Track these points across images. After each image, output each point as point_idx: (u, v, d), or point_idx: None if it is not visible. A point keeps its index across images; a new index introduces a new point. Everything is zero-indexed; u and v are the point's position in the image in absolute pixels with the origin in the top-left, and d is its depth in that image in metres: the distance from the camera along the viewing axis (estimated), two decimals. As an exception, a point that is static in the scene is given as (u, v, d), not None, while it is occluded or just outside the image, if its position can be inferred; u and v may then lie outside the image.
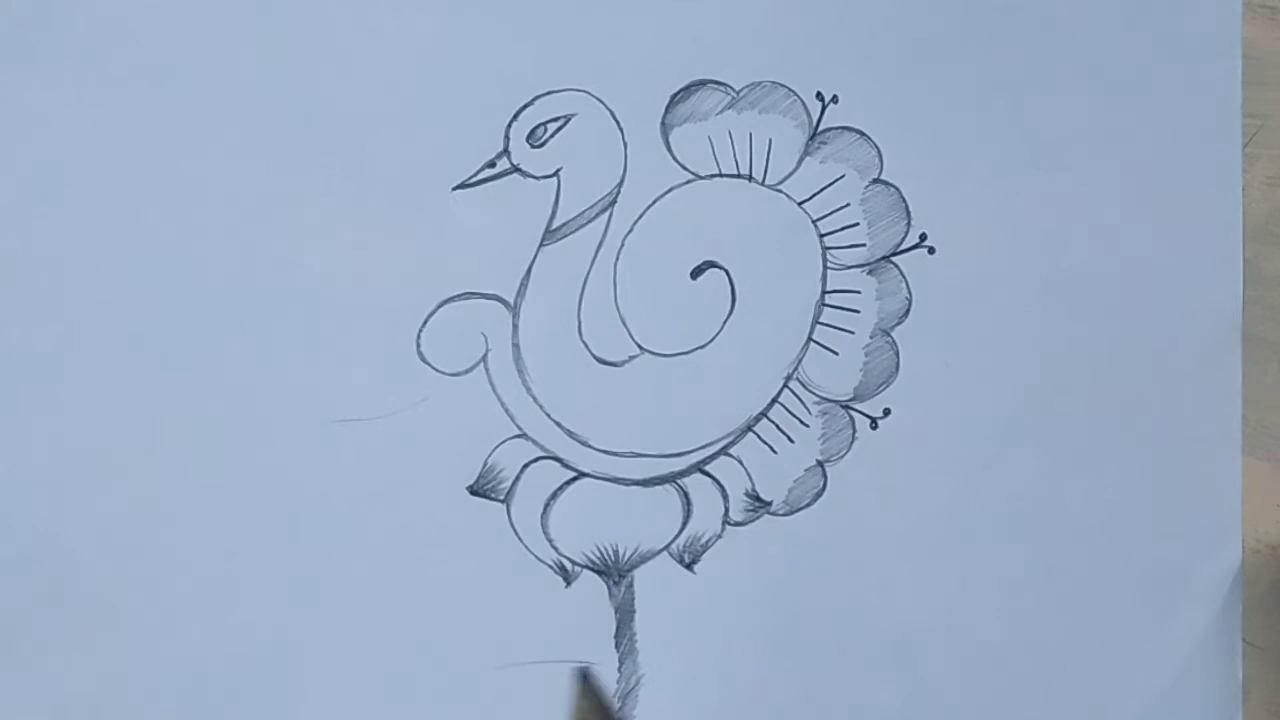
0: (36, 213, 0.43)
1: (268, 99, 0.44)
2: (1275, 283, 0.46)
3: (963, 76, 0.45)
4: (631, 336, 0.44)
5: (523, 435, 0.44)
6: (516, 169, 0.44)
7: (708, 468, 0.45)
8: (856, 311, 0.45)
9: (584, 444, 0.44)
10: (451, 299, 0.44)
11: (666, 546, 0.45)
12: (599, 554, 0.44)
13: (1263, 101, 0.46)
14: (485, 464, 0.44)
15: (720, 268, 0.45)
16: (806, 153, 0.45)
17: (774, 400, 0.45)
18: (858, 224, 0.45)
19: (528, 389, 0.44)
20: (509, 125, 0.44)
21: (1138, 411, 0.45)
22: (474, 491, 0.44)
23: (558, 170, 0.44)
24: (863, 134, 0.45)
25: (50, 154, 0.43)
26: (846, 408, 0.45)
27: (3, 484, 0.43)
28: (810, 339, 0.45)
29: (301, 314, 0.44)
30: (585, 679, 0.43)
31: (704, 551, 0.45)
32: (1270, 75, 0.46)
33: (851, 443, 0.45)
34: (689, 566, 0.45)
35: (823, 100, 0.45)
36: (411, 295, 0.44)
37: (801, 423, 0.45)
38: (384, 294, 0.44)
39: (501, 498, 0.44)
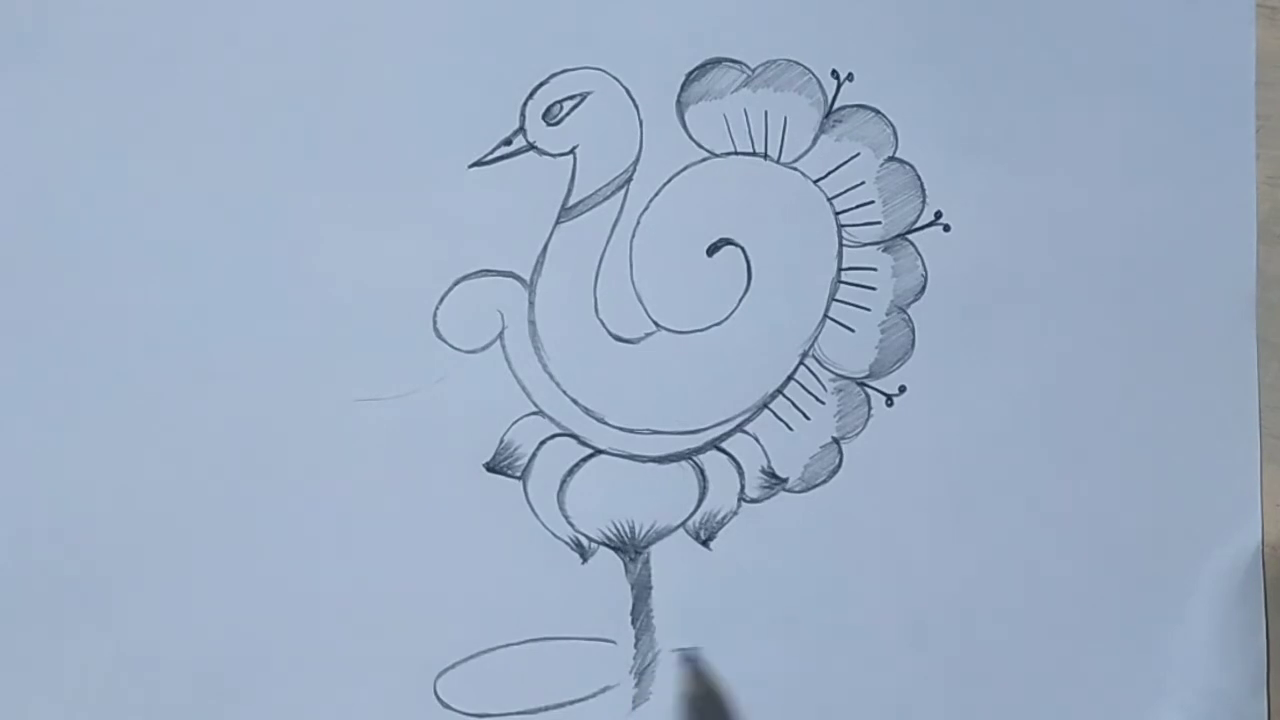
0: (80, 185, 0.44)
1: (283, 77, 0.44)
2: (1276, 283, 0.45)
3: (978, 57, 0.45)
4: (647, 314, 0.45)
5: (539, 412, 0.44)
6: (532, 146, 0.44)
7: (724, 445, 0.45)
8: (872, 289, 0.45)
9: (600, 421, 0.44)
10: (468, 276, 0.44)
11: (683, 523, 0.45)
12: (615, 531, 0.44)
13: (1263, 101, 0.46)
14: (501, 441, 0.44)
15: (736, 245, 0.45)
16: (822, 131, 0.45)
17: (790, 377, 0.45)
18: (873, 202, 0.45)
19: (544, 366, 0.44)
20: (525, 103, 0.44)
21: (1153, 386, 0.45)
22: (490, 468, 0.44)
23: (573, 148, 0.44)
24: (878, 112, 0.45)
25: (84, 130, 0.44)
26: (862, 385, 0.45)
27: (21, 466, 0.43)
28: (826, 316, 0.45)
29: (318, 294, 0.44)
30: (693, 663, 0.43)
31: (720, 528, 0.45)
32: (1270, 75, 0.45)
33: (867, 420, 0.45)
34: (705, 543, 0.45)
35: (838, 78, 0.45)
36: (428, 273, 0.44)
37: (817, 400, 0.45)
38: (401, 272, 0.44)
39: (518, 475, 0.44)
